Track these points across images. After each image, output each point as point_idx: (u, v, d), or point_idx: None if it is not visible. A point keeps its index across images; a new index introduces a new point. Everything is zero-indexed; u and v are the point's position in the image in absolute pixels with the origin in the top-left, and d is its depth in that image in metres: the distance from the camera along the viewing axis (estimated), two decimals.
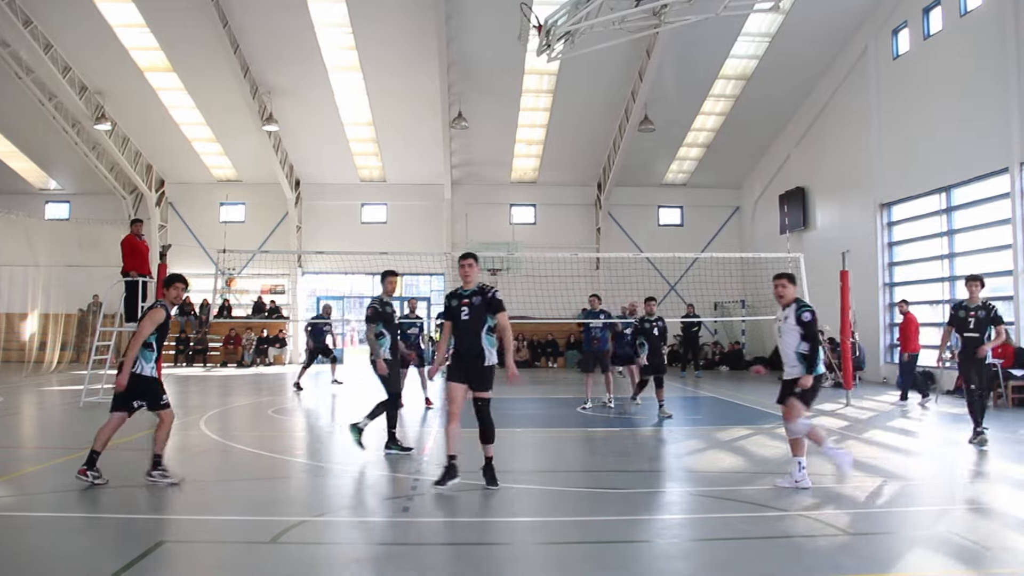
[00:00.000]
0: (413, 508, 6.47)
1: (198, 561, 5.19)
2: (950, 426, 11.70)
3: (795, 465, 6.98)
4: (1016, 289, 14.96)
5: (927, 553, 5.29)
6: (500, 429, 7.58)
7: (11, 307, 22.89)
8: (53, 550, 5.23)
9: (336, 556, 5.28)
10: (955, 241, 17.44)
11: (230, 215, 27.13)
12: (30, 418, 12.74)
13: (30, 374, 19.83)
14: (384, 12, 19.67)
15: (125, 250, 13.32)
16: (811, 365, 6.95)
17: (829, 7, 19.38)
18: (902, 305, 15.02)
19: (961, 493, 7.35)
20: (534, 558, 5.38)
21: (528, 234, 26.84)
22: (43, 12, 19.95)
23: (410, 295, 28.13)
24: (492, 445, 6.99)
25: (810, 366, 6.96)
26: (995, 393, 14.05)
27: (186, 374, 21.55)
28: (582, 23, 13.62)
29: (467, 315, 6.97)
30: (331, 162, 26.19)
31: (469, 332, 6.97)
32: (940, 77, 17.20)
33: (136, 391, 7.06)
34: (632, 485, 7.34)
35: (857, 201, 20.46)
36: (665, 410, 12.12)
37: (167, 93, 22.88)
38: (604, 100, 23.05)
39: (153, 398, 7.16)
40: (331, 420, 12.45)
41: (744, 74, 22.21)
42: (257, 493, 7.32)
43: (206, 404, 13.73)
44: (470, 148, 25.13)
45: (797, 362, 7.05)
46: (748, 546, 5.41)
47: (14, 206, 24.46)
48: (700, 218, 27.82)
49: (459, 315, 7.02)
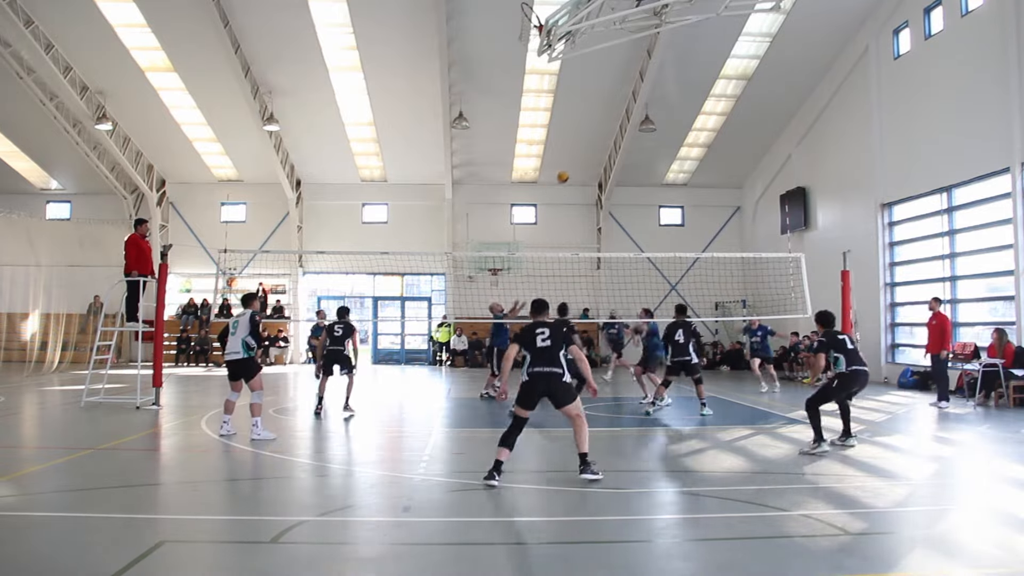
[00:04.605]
0: (413, 508, 6.47)
1: (198, 561, 5.19)
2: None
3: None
4: (1017, 289, 14.94)
5: (927, 553, 5.29)
6: (501, 429, 7.60)
7: (12, 307, 22.88)
8: (53, 550, 5.23)
9: (336, 556, 5.28)
10: (956, 241, 17.42)
11: (231, 215, 27.15)
12: (31, 418, 12.74)
13: (31, 374, 19.84)
14: (385, 12, 19.67)
15: (130, 250, 13.28)
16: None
17: (830, 7, 19.37)
18: (933, 303, 14.22)
19: (961, 493, 7.34)
20: (534, 558, 5.37)
21: (529, 234, 26.84)
22: (44, 12, 19.96)
23: (410, 295, 28.25)
24: (585, 444, 7.37)
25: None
26: (996, 393, 14.05)
27: (187, 374, 21.57)
28: (583, 23, 13.60)
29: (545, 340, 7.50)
30: (332, 162, 26.20)
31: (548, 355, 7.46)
32: (941, 77, 17.18)
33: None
34: (632, 485, 7.33)
35: (858, 201, 20.45)
36: (705, 408, 12.33)
37: (168, 93, 22.89)
38: (605, 100, 23.05)
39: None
40: (332, 421, 12.44)
41: (745, 74, 22.20)
42: (257, 493, 7.33)
43: (207, 404, 13.73)
44: (471, 148, 25.13)
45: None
46: (748, 546, 5.41)
47: (15, 206, 24.51)
48: (701, 218, 27.82)
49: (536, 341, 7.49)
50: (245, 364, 9.96)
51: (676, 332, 12.59)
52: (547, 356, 7.41)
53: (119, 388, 14.88)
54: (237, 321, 10.10)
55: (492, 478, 7.10)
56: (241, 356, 9.92)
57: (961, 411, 13.19)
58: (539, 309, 7.94)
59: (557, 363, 7.42)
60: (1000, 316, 16.06)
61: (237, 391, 10.12)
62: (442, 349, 26.73)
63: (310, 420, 11.94)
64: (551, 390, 7.40)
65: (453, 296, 25.94)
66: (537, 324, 7.65)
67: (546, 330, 7.52)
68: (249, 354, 9.96)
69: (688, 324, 12.76)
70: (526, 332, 7.60)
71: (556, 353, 7.43)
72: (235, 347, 9.94)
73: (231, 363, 10.04)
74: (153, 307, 13.54)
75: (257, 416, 9.77)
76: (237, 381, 10.06)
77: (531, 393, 7.41)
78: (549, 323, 7.69)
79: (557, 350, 7.44)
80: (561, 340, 7.50)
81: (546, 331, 7.51)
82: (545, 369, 7.38)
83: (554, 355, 7.42)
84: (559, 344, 7.46)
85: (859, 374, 9.18)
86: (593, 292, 26.00)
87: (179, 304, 26.18)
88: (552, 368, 7.38)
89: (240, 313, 10.35)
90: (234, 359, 9.98)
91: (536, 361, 7.44)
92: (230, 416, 10.03)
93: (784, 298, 17.23)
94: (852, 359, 9.18)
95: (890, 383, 18.39)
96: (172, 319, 24.81)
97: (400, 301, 28.53)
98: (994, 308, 16.55)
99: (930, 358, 14.33)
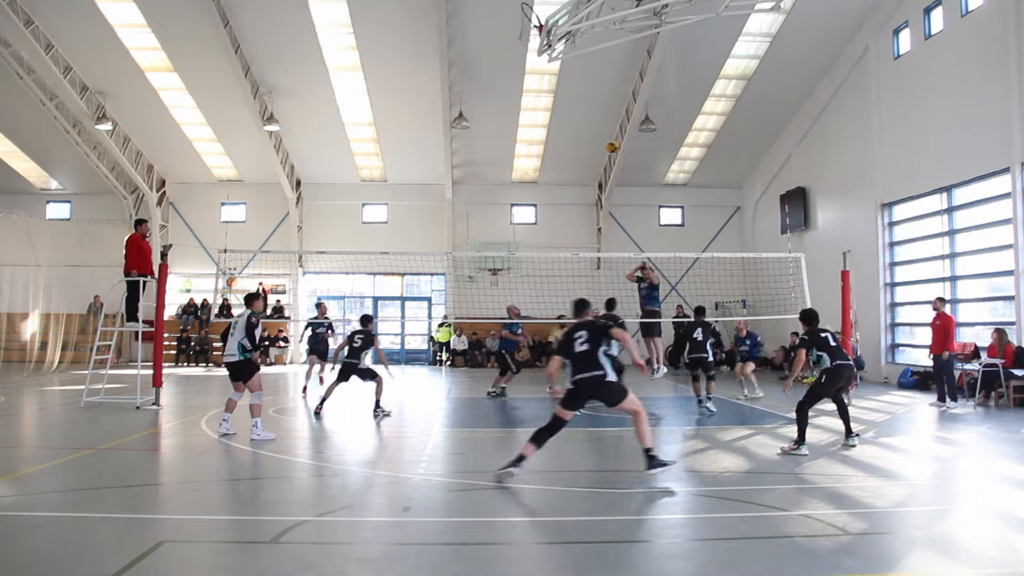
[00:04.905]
0: (413, 508, 6.47)
1: (198, 561, 5.19)
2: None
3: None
4: (1017, 289, 14.93)
5: (927, 553, 5.29)
6: (501, 429, 7.59)
7: (12, 307, 22.87)
8: (53, 550, 5.23)
9: (336, 556, 5.28)
10: (956, 241, 17.42)
11: (231, 215, 27.16)
12: (31, 418, 12.74)
13: (31, 374, 19.84)
14: (385, 12, 19.67)
15: (131, 249, 13.27)
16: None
17: (830, 7, 19.37)
18: (937, 303, 14.21)
19: (961, 493, 7.34)
20: (534, 558, 5.38)
21: (529, 234, 26.85)
22: (44, 12, 19.96)
23: (410, 295, 28.26)
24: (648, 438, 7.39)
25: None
26: (996, 393, 14.05)
27: (187, 374, 21.57)
28: (583, 23, 13.60)
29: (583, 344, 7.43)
30: (332, 162, 26.20)
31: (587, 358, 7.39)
32: (941, 77, 17.18)
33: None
34: (632, 485, 7.33)
35: (858, 201, 20.45)
36: (708, 405, 12.63)
37: (168, 93, 22.89)
38: (605, 100, 23.04)
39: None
40: (332, 420, 12.44)
41: (745, 74, 22.20)
42: (257, 493, 7.33)
43: (207, 404, 13.73)
44: (471, 148, 25.13)
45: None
46: (748, 546, 5.41)
47: (15, 206, 24.50)
48: (701, 218, 27.82)
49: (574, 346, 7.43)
50: (241, 366, 9.95)
51: (695, 331, 13.24)
52: (586, 360, 7.32)
53: (119, 388, 14.88)
54: (236, 322, 10.12)
55: (510, 467, 7.08)
56: (236, 358, 9.92)
57: (961, 411, 13.19)
58: (580, 309, 7.86)
59: (597, 365, 7.30)
60: (1000, 316, 16.05)
61: (239, 391, 10.13)
62: (442, 349, 26.74)
63: (310, 420, 11.94)
64: (597, 394, 7.39)
65: (453, 296, 25.95)
66: (576, 328, 7.55)
67: (583, 333, 7.43)
68: (244, 356, 9.92)
69: (707, 324, 13.53)
70: (566, 339, 7.54)
71: (594, 355, 7.32)
72: (231, 349, 9.96)
73: (228, 365, 10.07)
74: (153, 307, 13.54)
75: (257, 416, 9.77)
76: (237, 382, 10.07)
77: (577, 398, 7.39)
78: (586, 324, 7.59)
79: (595, 352, 7.33)
80: (598, 339, 7.38)
81: (583, 334, 7.42)
82: (587, 375, 7.30)
83: (592, 358, 7.32)
84: (597, 345, 7.36)
85: (844, 368, 9.38)
86: (593, 292, 25.91)
87: (179, 304, 26.19)
88: (593, 372, 7.28)
89: (240, 314, 10.35)
90: (230, 361, 10.00)
91: (577, 367, 7.38)
92: (230, 415, 10.04)
93: (784, 298, 17.23)
94: (835, 355, 9.37)
95: (890, 383, 18.39)
96: (172, 319, 24.82)
97: (400, 301, 28.54)
98: (994, 308, 16.55)
99: (933, 358, 14.30)
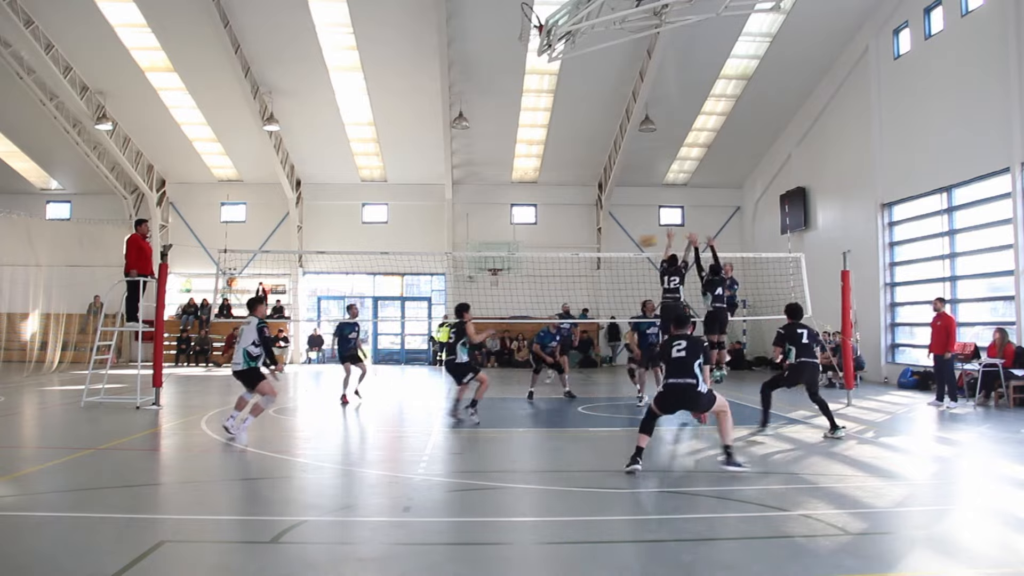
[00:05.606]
0: (413, 508, 6.47)
1: (198, 561, 5.19)
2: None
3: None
4: (1017, 289, 14.93)
5: (927, 553, 5.29)
6: (501, 429, 7.60)
7: (12, 307, 22.86)
8: (53, 550, 5.23)
9: (336, 556, 5.27)
10: (956, 241, 17.42)
11: (231, 215, 27.15)
12: (31, 418, 12.74)
13: (31, 374, 19.84)
14: (385, 12, 19.67)
15: (131, 249, 13.25)
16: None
17: (830, 7, 19.37)
18: (937, 303, 14.15)
19: (961, 493, 7.34)
20: (534, 558, 5.37)
21: (529, 234, 26.85)
22: (44, 12, 19.96)
23: (410, 295, 28.26)
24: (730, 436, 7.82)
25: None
26: (996, 393, 14.05)
27: (187, 374, 21.57)
28: (583, 23, 13.59)
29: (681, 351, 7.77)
30: (332, 162, 26.20)
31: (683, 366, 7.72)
32: (941, 77, 17.18)
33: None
34: (632, 485, 7.33)
35: (858, 201, 20.45)
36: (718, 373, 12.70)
37: (168, 93, 22.89)
38: (605, 100, 23.04)
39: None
40: (332, 420, 12.45)
41: (745, 74, 22.20)
42: (257, 493, 7.32)
43: (207, 404, 13.74)
44: (471, 148, 25.12)
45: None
46: (748, 546, 5.41)
47: (15, 206, 24.50)
48: (701, 218, 27.72)
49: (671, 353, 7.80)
50: (247, 375, 9.68)
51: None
52: (681, 367, 7.63)
53: (119, 388, 14.88)
54: (243, 330, 9.81)
55: (634, 463, 7.44)
56: (242, 367, 9.64)
57: (961, 411, 13.18)
58: (681, 323, 8.18)
59: (691, 374, 7.60)
60: (1000, 316, 16.05)
61: (251, 391, 9.89)
62: (442, 349, 26.69)
63: (310, 420, 11.93)
64: (687, 402, 7.81)
65: (453, 296, 25.91)
66: (676, 337, 7.89)
67: (683, 342, 7.76)
68: (251, 364, 9.62)
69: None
70: (665, 345, 7.99)
71: (691, 364, 7.61)
72: (237, 357, 9.68)
73: (235, 374, 9.79)
74: (153, 307, 13.52)
75: (252, 416, 9.67)
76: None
77: (667, 403, 7.78)
78: (688, 336, 7.91)
79: (692, 361, 7.63)
80: (697, 353, 7.70)
81: (683, 343, 7.75)
82: (680, 381, 7.62)
83: (688, 366, 7.61)
84: (695, 356, 7.66)
85: (806, 366, 9.85)
86: (593, 292, 26.00)
87: (179, 304, 26.18)
88: (686, 379, 7.60)
89: (247, 320, 9.98)
90: (237, 370, 9.73)
91: (671, 372, 7.71)
92: (238, 413, 9.82)
93: (784, 298, 17.20)
94: (802, 351, 9.85)
95: (890, 383, 18.39)
96: (172, 319, 24.81)
97: (400, 301, 28.54)
98: (994, 308, 16.56)
99: (933, 358, 14.28)
